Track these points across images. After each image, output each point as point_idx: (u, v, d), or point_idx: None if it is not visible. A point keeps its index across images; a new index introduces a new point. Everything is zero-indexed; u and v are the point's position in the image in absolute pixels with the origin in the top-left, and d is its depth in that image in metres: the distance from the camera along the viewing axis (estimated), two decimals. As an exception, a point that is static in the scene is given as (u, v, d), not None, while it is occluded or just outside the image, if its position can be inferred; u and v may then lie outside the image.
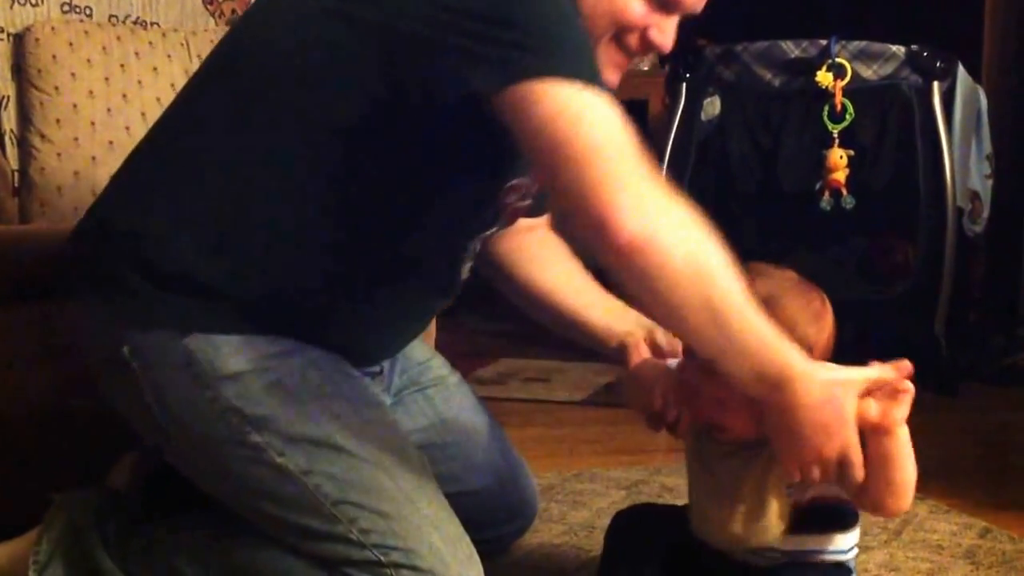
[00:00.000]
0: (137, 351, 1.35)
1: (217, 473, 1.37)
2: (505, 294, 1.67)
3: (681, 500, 1.51)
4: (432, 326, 2.33)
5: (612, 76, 1.38)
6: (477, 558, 1.36)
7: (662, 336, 1.53)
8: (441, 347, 2.39)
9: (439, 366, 1.70)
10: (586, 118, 1.18)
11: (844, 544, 1.43)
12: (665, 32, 1.38)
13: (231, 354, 1.33)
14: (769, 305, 1.24)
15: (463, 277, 1.50)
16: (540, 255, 1.65)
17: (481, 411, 1.71)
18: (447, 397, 1.67)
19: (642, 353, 1.50)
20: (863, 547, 1.83)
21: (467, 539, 1.36)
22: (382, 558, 1.30)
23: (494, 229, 1.50)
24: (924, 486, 2.13)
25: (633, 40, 1.37)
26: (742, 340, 1.20)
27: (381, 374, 1.60)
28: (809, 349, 1.28)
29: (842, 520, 1.40)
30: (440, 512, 1.35)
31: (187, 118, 1.42)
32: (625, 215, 1.15)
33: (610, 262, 1.19)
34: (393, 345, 1.57)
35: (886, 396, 1.24)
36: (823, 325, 1.35)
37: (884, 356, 1.26)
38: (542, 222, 1.64)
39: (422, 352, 1.70)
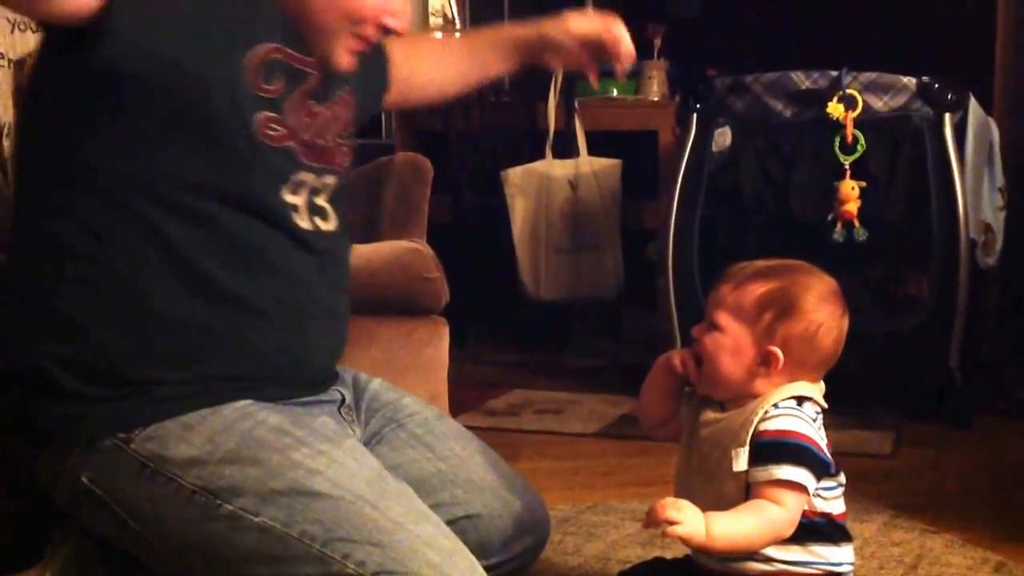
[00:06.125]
0: (94, 477, 1.39)
1: (204, 555, 1.38)
2: (422, 98, 1.86)
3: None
4: (444, 356, 2.33)
5: (349, 60, 1.49)
6: (479, 568, 1.38)
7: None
8: (453, 378, 2.40)
9: (413, 403, 1.70)
10: None
11: (834, 557, 1.45)
12: (399, 16, 1.49)
13: (177, 442, 1.37)
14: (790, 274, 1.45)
15: (313, 225, 1.49)
16: (419, 49, 1.85)
17: (468, 436, 1.71)
18: (428, 427, 1.67)
19: None
20: (878, 581, 1.82)
21: (465, 552, 1.37)
22: None
23: (298, 168, 1.48)
24: (939, 519, 2.14)
25: (370, 31, 1.49)
26: None
27: (345, 404, 1.60)
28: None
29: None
30: (431, 530, 1.37)
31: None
32: None
33: None
34: (312, 341, 1.52)
35: None
36: (831, 314, 1.51)
37: (898, 389, 1.26)
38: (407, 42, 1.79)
39: (391, 393, 1.70)
